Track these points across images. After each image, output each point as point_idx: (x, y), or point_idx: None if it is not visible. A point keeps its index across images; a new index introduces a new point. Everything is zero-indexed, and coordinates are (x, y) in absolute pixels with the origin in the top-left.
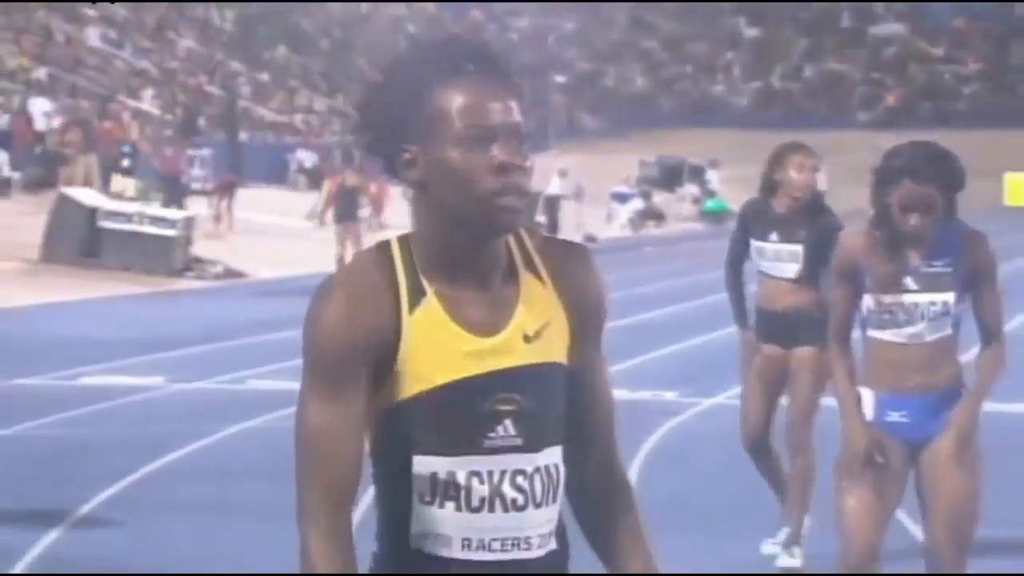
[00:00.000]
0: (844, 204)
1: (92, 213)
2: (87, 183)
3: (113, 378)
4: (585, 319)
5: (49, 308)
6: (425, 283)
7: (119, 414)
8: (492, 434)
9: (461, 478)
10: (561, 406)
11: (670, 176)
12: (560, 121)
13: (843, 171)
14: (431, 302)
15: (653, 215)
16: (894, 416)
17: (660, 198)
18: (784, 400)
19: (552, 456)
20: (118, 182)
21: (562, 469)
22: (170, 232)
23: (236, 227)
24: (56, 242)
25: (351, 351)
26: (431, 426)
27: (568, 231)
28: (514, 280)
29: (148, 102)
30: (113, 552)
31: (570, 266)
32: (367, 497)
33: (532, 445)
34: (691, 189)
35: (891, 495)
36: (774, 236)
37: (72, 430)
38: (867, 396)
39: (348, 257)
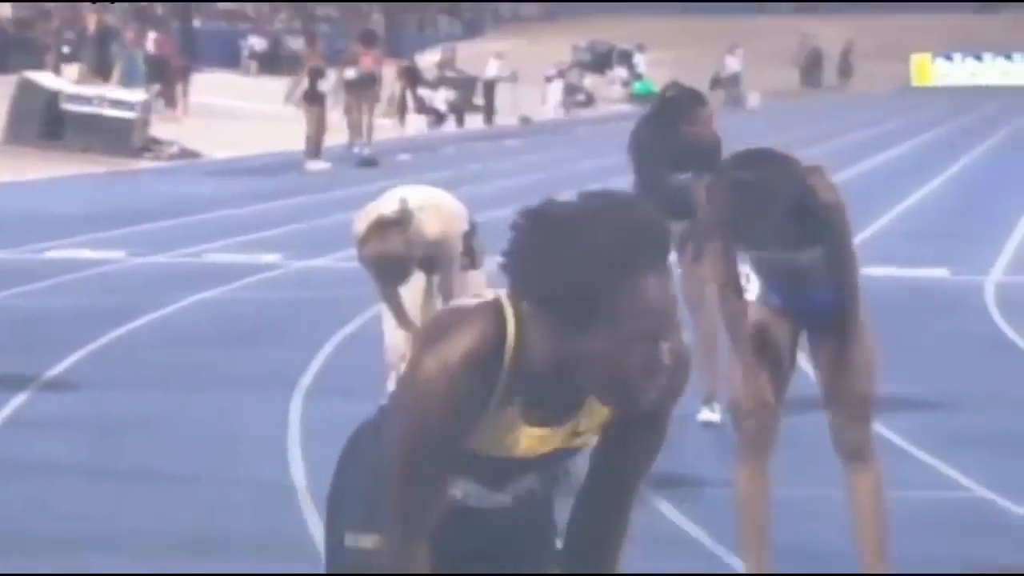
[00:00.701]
0: (765, 86)
1: (54, 96)
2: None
3: (76, 252)
4: (642, 417)
5: (14, 187)
6: (516, 392)
7: (82, 286)
8: (516, 483)
9: (474, 490)
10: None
11: (600, 60)
12: (497, 8)
13: (764, 55)
14: (515, 409)
15: (584, 97)
16: (778, 301)
17: (591, 81)
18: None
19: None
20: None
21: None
22: (129, 115)
23: (191, 110)
24: (19, 124)
25: (453, 429)
26: (469, 471)
27: (505, 113)
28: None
29: None
30: (78, 414)
31: None
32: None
33: (543, 488)
34: (620, 72)
35: (784, 364)
36: None
37: (38, 301)
38: (755, 279)
39: (316, 135)
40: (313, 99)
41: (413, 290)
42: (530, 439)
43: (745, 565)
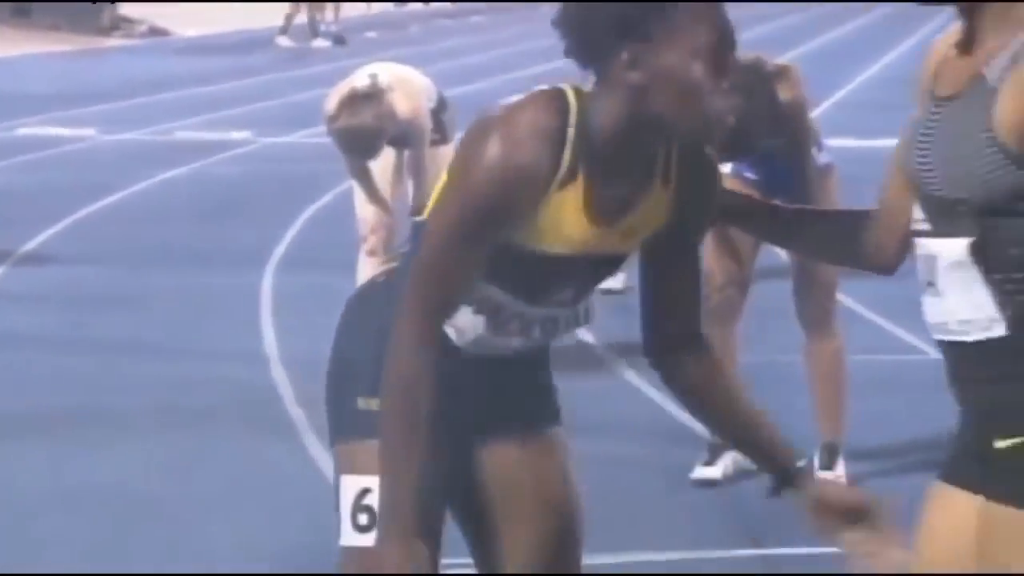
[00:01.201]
0: None
1: None
2: None
3: (49, 129)
4: (691, 221)
5: None
6: (580, 169)
7: (55, 163)
8: (556, 296)
9: (506, 310)
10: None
11: None
12: None
13: None
14: (576, 190)
15: None
16: (748, 175)
17: None
18: None
19: (579, 307)
20: None
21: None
22: None
23: None
24: None
25: (505, 203)
26: (510, 275)
27: None
28: (649, 181)
29: None
30: (53, 288)
31: (696, 178)
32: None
33: (574, 303)
34: None
35: (751, 239)
36: None
37: (11, 177)
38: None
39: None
40: None
41: (383, 166)
42: (584, 233)
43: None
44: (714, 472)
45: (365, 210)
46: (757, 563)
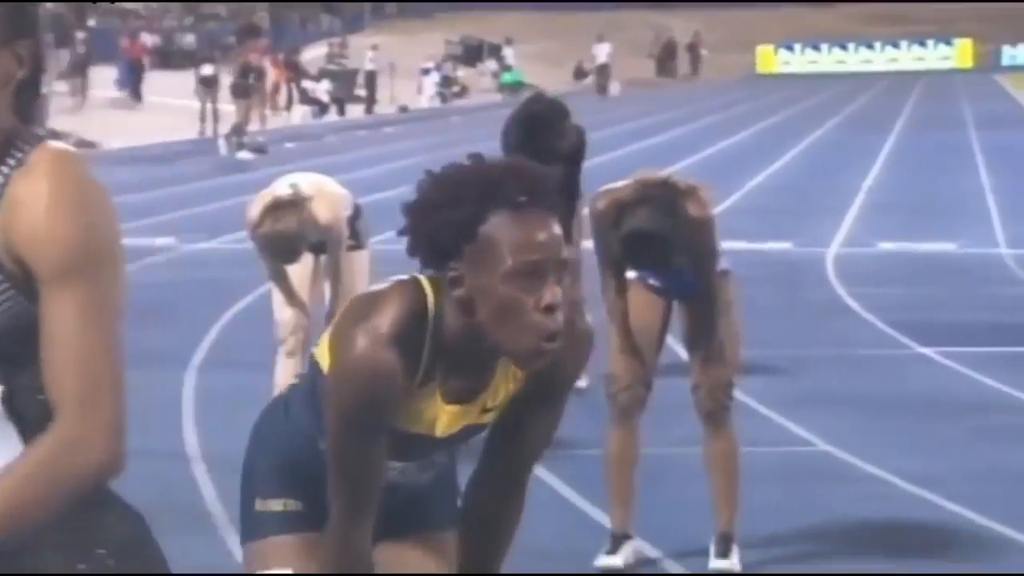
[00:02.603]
0: (625, 75)
1: None
2: None
3: None
4: (541, 390)
5: None
6: (437, 371)
7: None
8: (430, 457)
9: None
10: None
11: (472, 53)
12: (373, 6)
13: (623, 46)
14: (433, 388)
15: (458, 88)
16: (653, 281)
17: (464, 73)
18: None
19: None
20: None
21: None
22: None
23: (88, 102)
24: None
25: (387, 405)
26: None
27: (384, 103)
28: (496, 362)
29: None
30: None
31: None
32: None
33: (451, 454)
34: (490, 65)
35: (657, 340)
36: None
37: None
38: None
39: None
40: (241, 92)
41: (301, 270)
42: (447, 416)
43: (613, 518)
44: (616, 561)
45: (283, 313)
46: None
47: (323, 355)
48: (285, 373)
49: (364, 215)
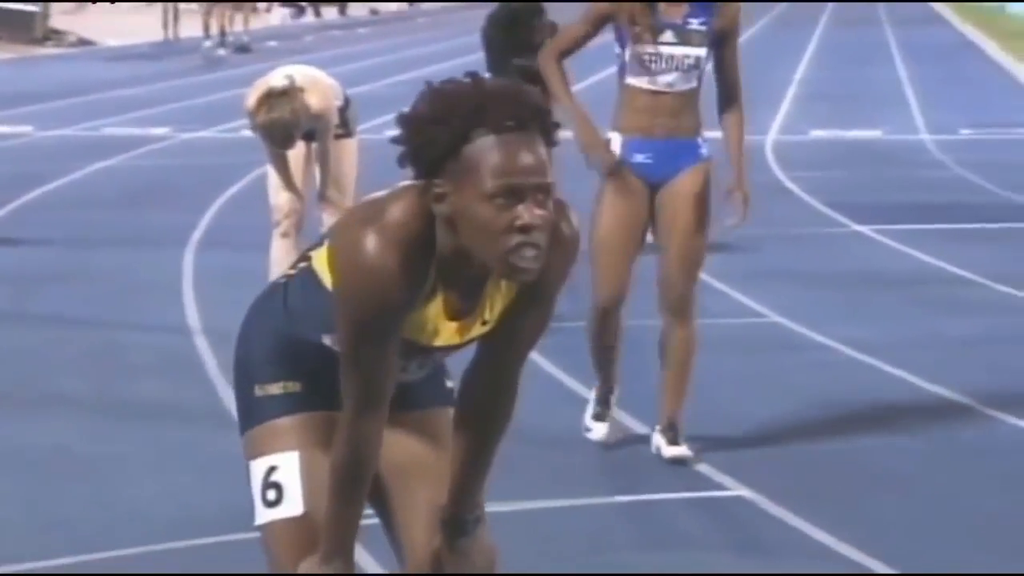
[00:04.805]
0: None
1: None
2: None
3: None
4: (529, 295)
5: None
6: (439, 286)
7: None
8: (432, 358)
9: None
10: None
11: None
12: None
13: None
14: (437, 302)
15: None
16: (639, 158)
17: None
18: None
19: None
20: None
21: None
22: (32, 8)
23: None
24: None
25: (397, 312)
26: None
27: (356, 6)
28: (488, 275)
29: None
30: (2, 268)
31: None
32: None
33: (450, 354)
34: None
35: (636, 232)
36: None
37: None
38: (616, 139)
39: (214, 29)
40: None
41: (294, 156)
42: (448, 331)
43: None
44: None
45: (279, 197)
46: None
47: (323, 268)
48: (279, 253)
49: (353, 105)
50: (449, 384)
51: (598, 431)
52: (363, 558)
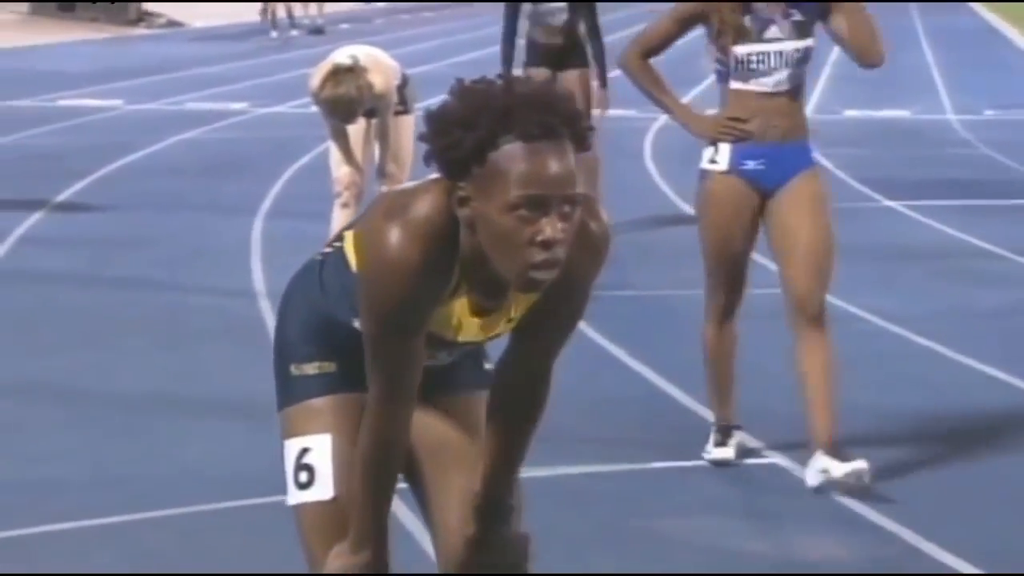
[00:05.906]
0: None
1: None
2: None
3: (84, 101)
4: (559, 294)
5: (35, 49)
6: (463, 283)
7: (87, 128)
8: (460, 348)
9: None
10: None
11: None
12: None
13: None
14: (462, 299)
15: None
16: (750, 164)
17: None
18: None
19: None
20: None
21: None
22: None
23: None
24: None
25: (419, 306)
26: None
27: None
28: None
29: None
30: (79, 233)
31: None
32: None
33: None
34: None
35: (746, 240)
36: None
37: (51, 140)
38: (724, 148)
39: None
40: None
41: (355, 132)
42: (471, 327)
43: (716, 413)
44: (728, 452)
45: (340, 170)
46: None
47: (351, 251)
48: (340, 222)
49: (411, 84)
50: (488, 366)
51: (718, 453)
52: (401, 512)
